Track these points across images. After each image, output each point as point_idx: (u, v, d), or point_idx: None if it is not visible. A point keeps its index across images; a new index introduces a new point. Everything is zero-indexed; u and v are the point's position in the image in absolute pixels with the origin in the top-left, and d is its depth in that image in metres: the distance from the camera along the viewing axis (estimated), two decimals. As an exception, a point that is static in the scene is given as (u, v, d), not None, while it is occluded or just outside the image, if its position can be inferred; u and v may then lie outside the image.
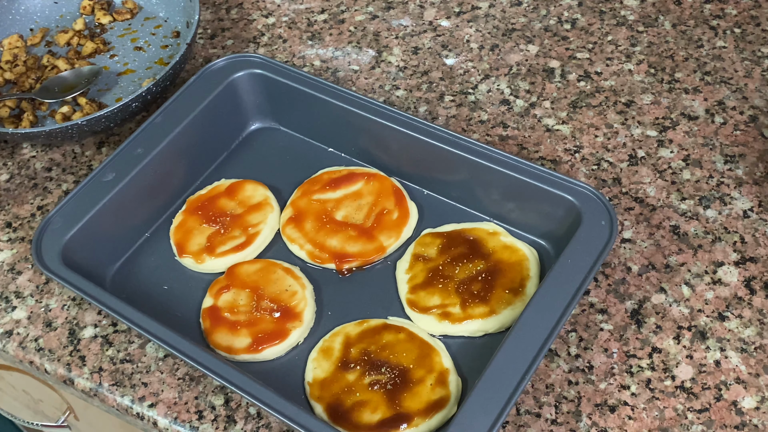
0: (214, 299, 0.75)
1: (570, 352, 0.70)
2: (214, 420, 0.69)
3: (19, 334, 0.76)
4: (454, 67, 0.95)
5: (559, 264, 0.68)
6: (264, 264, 0.77)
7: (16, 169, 0.90)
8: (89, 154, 0.90)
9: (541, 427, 0.66)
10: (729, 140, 0.85)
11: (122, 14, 1.03)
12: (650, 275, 0.75)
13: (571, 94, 0.90)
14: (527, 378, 0.62)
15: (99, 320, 0.76)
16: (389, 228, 0.78)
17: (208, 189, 0.84)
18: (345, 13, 1.03)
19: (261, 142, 0.90)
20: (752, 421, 0.66)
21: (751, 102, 0.88)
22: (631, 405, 0.67)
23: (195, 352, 0.66)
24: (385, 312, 0.74)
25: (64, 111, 0.92)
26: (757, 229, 0.77)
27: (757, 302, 0.72)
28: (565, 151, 0.85)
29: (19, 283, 0.80)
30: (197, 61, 0.98)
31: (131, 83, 0.96)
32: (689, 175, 0.82)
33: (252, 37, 1.01)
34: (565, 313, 0.65)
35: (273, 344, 0.71)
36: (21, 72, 0.97)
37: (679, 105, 0.88)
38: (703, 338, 0.70)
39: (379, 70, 0.95)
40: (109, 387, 0.72)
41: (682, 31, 0.96)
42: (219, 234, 0.79)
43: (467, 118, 0.89)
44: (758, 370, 0.68)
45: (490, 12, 1.01)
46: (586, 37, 0.97)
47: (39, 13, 1.04)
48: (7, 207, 0.86)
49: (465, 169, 0.77)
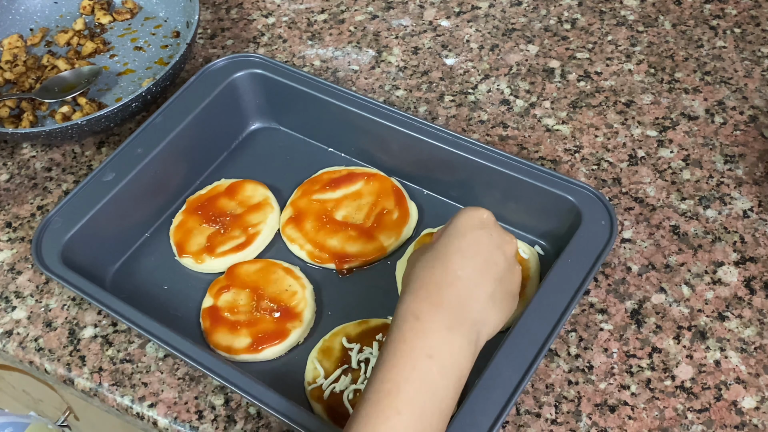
0: (214, 299, 0.75)
1: (570, 352, 0.70)
2: (214, 420, 0.69)
3: (19, 334, 0.76)
4: (454, 67, 0.95)
5: (559, 264, 0.68)
6: (264, 264, 0.77)
7: (16, 169, 0.90)
8: (89, 154, 0.90)
9: (541, 427, 0.66)
10: (729, 140, 0.85)
11: (122, 14, 1.03)
12: (650, 275, 0.75)
13: (571, 94, 0.90)
14: (527, 378, 0.62)
15: (99, 320, 0.76)
16: (389, 228, 0.78)
17: (208, 189, 0.84)
18: (345, 13, 1.03)
19: (261, 142, 0.90)
20: (752, 421, 0.66)
21: (751, 102, 0.88)
22: (631, 405, 0.67)
23: (195, 352, 0.66)
24: (385, 312, 0.74)
25: (64, 111, 0.92)
26: (757, 229, 0.77)
27: (757, 302, 0.72)
28: (565, 151, 0.85)
29: (19, 283, 0.80)
30: (197, 61, 0.98)
31: (131, 83, 0.96)
32: (689, 175, 0.82)
33: (252, 37, 1.01)
34: (565, 313, 0.65)
35: (273, 344, 0.71)
36: (21, 72, 0.97)
37: (679, 105, 0.88)
38: (703, 338, 0.70)
39: (379, 70, 0.95)
40: (109, 387, 0.72)
41: (682, 31, 0.96)
42: (219, 234, 0.79)
43: (467, 118, 0.89)
44: (758, 370, 0.68)
45: (490, 12, 1.01)
46: (586, 37, 0.97)
47: (39, 13, 1.04)
48: (7, 207, 0.86)
49: (465, 169, 0.77)
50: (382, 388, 0.53)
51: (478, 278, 0.58)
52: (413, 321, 0.56)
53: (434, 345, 0.55)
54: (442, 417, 0.54)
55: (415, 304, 0.57)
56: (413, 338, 0.55)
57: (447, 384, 0.55)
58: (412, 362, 0.54)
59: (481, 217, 0.62)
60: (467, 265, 0.59)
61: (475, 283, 0.58)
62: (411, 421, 0.53)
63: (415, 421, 0.53)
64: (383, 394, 0.53)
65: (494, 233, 0.61)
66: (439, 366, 0.54)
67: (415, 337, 0.55)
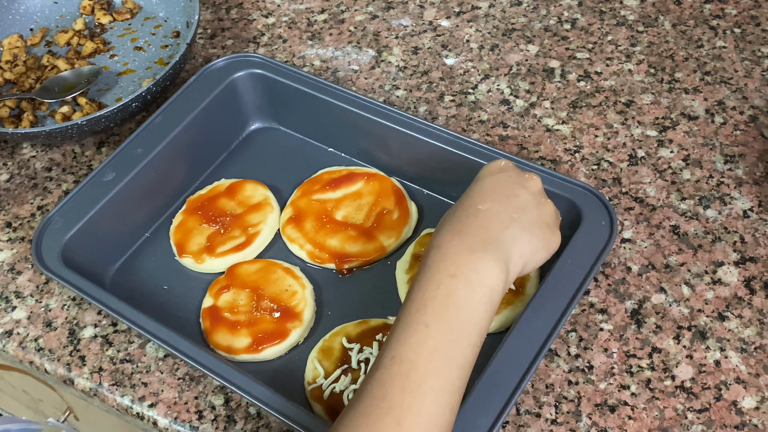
0: (214, 299, 0.75)
1: (570, 352, 0.70)
2: (214, 420, 0.69)
3: (19, 334, 0.76)
4: (454, 67, 0.95)
5: (559, 264, 0.68)
6: (264, 264, 0.77)
7: (16, 169, 0.90)
8: (89, 154, 0.90)
9: (541, 427, 0.66)
10: (729, 140, 0.85)
11: (122, 14, 1.03)
12: (650, 275, 0.75)
13: (571, 94, 0.90)
14: (527, 378, 0.62)
15: (99, 320, 0.76)
16: (389, 228, 0.78)
17: (208, 189, 0.84)
18: (345, 13, 1.03)
19: (261, 142, 0.90)
20: (752, 421, 0.66)
21: (751, 102, 0.88)
22: (631, 405, 0.67)
23: (195, 352, 0.66)
24: (385, 312, 0.74)
25: (64, 111, 0.92)
26: (757, 229, 0.77)
27: (757, 302, 0.72)
28: (565, 151, 0.85)
29: (19, 283, 0.80)
30: (197, 61, 0.98)
31: (131, 83, 0.96)
32: (689, 175, 0.82)
33: (252, 37, 1.01)
34: (565, 313, 0.65)
35: (273, 344, 0.71)
36: (21, 72, 0.97)
37: (679, 105, 0.88)
38: (703, 338, 0.70)
39: (379, 70, 0.95)
40: (109, 387, 0.72)
41: (682, 31, 0.96)
42: (219, 234, 0.79)
43: (467, 118, 0.89)
44: (758, 370, 0.68)
45: (490, 12, 1.01)
46: (586, 37, 0.97)
47: (39, 13, 1.04)
48: (7, 207, 0.86)
49: (465, 169, 0.77)
50: (410, 308, 0.56)
51: (498, 207, 0.60)
52: (436, 250, 0.58)
53: (457, 265, 0.56)
54: (475, 331, 0.55)
55: (438, 238, 0.59)
56: (436, 263, 0.57)
57: (475, 300, 0.56)
58: (435, 283, 0.56)
59: (499, 165, 0.65)
60: (486, 199, 0.61)
61: (496, 211, 0.60)
62: (439, 333, 0.54)
63: (444, 332, 0.54)
64: (411, 313, 0.55)
65: (513, 174, 0.64)
66: (464, 283, 0.56)
67: (438, 261, 0.57)
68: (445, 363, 0.54)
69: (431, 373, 0.53)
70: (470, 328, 0.55)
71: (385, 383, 0.53)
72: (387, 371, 0.53)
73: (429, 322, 0.54)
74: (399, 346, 0.54)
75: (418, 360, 0.53)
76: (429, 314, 0.55)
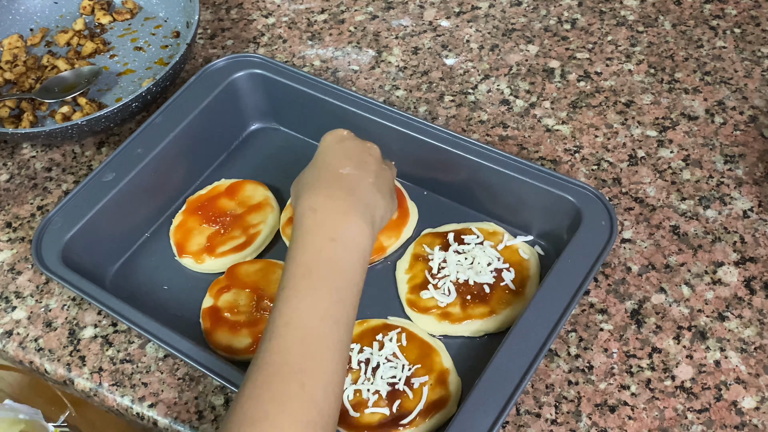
0: (214, 299, 0.75)
1: (570, 352, 0.70)
2: (214, 420, 0.69)
3: (19, 334, 0.76)
4: (454, 67, 0.95)
5: (559, 264, 0.68)
6: (264, 264, 0.77)
7: (16, 169, 0.90)
8: (89, 154, 0.90)
9: (541, 427, 0.66)
10: (729, 140, 0.85)
11: (122, 14, 1.03)
12: (650, 275, 0.75)
13: (571, 94, 0.90)
14: (527, 378, 0.62)
15: (99, 320, 0.76)
16: (389, 228, 0.78)
17: (208, 189, 0.84)
18: (345, 13, 1.03)
19: (261, 142, 0.90)
20: (752, 421, 0.66)
21: (751, 102, 0.88)
22: (631, 405, 0.67)
23: (195, 352, 0.66)
24: (385, 312, 0.74)
25: (64, 111, 0.92)
26: (757, 229, 0.77)
27: (757, 302, 0.72)
28: (565, 151, 0.85)
29: (19, 283, 0.80)
30: (197, 61, 0.98)
31: (131, 83, 0.96)
32: (689, 175, 0.82)
33: (252, 37, 1.01)
34: (565, 313, 0.65)
35: (273, 344, 0.71)
36: (21, 72, 0.97)
37: (679, 105, 0.88)
38: (703, 338, 0.70)
39: (379, 70, 0.95)
40: (109, 387, 0.72)
41: (682, 31, 0.96)
42: (219, 234, 0.79)
43: (467, 118, 0.89)
44: (758, 370, 0.68)
45: (490, 12, 1.01)
46: (586, 37, 0.97)
47: (39, 13, 1.04)
48: (7, 207, 0.86)
49: (465, 169, 0.77)
50: (296, 273, 0.59)
51: (358, 172, 0.65)
52: (312, 213, 0.62)
53: (335, 228, 0.61)
54: (356, 290, 0.60)
55: (310, 200, 0.63)
56: (315, 227, 0.61)
57: (352, 260, 0.61)
58: (317, 247, 0.60)
59: (341, 134, 0.70)
60: (346, 164, 0.66)
61: (357, 175, 0.65)
62: (327, 296, 0.58)
63: (331, 295, 0.58)
64: (298, 278, 0.59)
65: (357, 142, 0.69)
66: (342, 246, 0.61)
67: (317, 225, 0.61)
68: (335, 324, 0.57)
69: (325, 335, 0.57)
70: (352, 288, 0.60)
71: (282, 350, 0.56)
72: (283, 339, 0.56)
73: (316, 286, 0.58)
74: (291, 312, 0.57)
75: (311, 324, 0.57)
76: (315, 279, 0.59)
